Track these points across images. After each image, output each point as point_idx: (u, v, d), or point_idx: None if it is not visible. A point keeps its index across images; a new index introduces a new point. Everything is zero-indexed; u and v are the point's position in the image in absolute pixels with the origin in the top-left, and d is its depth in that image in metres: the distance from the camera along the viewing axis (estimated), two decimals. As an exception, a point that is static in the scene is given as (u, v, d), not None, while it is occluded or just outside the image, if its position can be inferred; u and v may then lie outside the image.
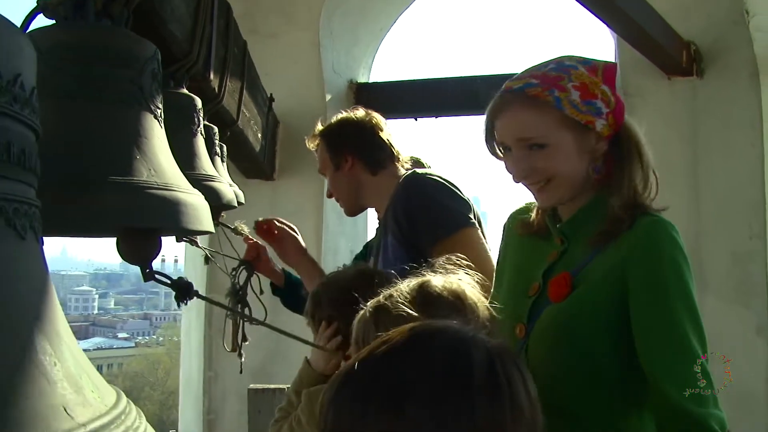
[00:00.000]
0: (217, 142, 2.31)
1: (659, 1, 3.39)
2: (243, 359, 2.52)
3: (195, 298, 1.44)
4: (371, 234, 4.86)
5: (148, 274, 1.36)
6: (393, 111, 3.92)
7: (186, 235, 1.50)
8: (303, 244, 2.58)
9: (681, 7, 3.53)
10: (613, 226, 1.37)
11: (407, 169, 2.27)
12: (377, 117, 2.34)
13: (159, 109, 1.37)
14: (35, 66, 0.76)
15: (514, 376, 0.85)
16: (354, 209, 2.43)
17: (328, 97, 4.28)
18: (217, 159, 2.29)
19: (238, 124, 2.72)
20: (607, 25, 3.41)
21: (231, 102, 2.52)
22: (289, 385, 2.75)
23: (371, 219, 4.87)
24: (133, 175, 1.21)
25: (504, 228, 1.68)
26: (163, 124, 1.39)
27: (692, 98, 3.56)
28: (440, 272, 1.39)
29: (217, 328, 4.18)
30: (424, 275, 1.37)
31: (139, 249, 1.33)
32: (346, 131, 2.30)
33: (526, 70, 1.45)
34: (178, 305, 1.47)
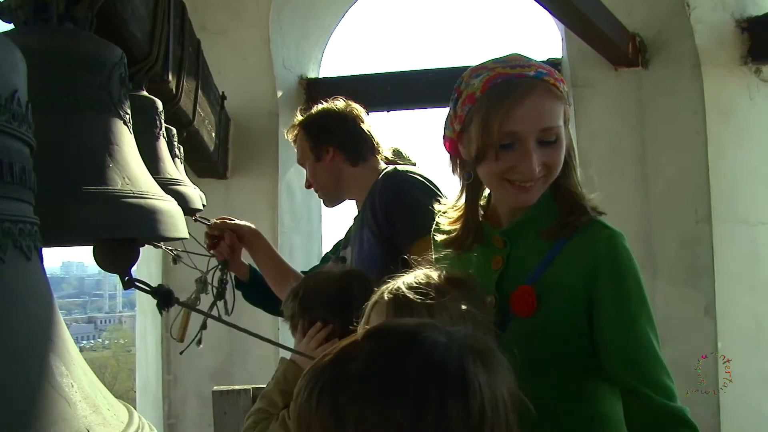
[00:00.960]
0: (176, 144, 2.27)
1: (605, -7, 3.49)
2: (201, 346, 2.52)
3: (176, 305, 1.41)
4: (326, 232, 4.88)
5: (128, 282, 1.33)
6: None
7: (163, 241, 1.47)
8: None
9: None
10: (565, 223, 1.37)
11: (387, 163, 2.27)
12: (358, 108, 2.33)
13: (128, 114, 1.34)
14: (26, 80, 0.74)
15: (449, 385, 0.84)
16: (333, 200, 2.42)
17: (280, 93, 4.24)
18: (177, 161, 2.25)
19: (194, 125, 2.68)
20: (555, 17, 3.48)
21: (187, 102, 2.48)
22: (255, 386, 2.75)
23: (325, 218, 4.88)
24: (108, 185, 1.18)
25: (435, 248, 1.61)
26: (131, 130, 1.36)
27: (638, 88, 3.67)
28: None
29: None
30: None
31: (117, 258, 1.30)
32: (327, 122, 2.28)
33: (513, 59, 1.37)
34: (160, 313, 1.44)
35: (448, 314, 1.22)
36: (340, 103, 2.31)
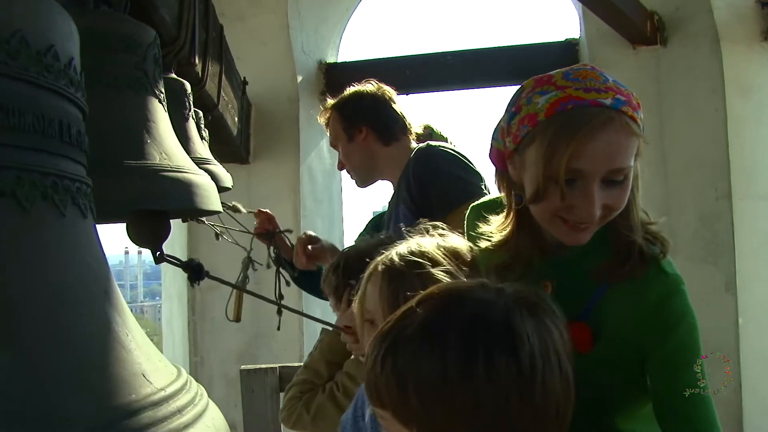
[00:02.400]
0: (202, 126, 2.33)
1: (622, -28, 3.49)
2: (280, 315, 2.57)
3: (207, 278, 1.48)
4: (347, 215, 4.93)
5: (159, 257, 1.39)
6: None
7: (199, 215, 1.53)
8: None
9: (643, -23, 3.62)
10: (625, 262, 1.24)
11: (420, 140, 2.31)
12: (389, 90, 2.39)
13: (162, 93, 1.40)
14: (80, 50, 0.79)
15: (496, 339, 0.89)
16: (366, 180, 2.47)
17: (299, 78, 4.29)
18: (204, 143, 2.31)
19: (218, 108, 2.73)
20: (575, -3, 3.49)
21: (212, 86, 2.53)
22: (282, 364, 2.81)
23: (347, 201, 4.93)
24: (147, 159, 1.24)
25: (470, 225, 1.49)
26: (166, 108, 1.41)
27: (657, 66, 3.67)
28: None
29: (200, 314, 4.21)
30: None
31: (150, 232, 1.36)
32: (360, 103, 2.33)
33: (587, 77, 1.20)
34: (192, 285, 1.50)
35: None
36: (371, 86, 2.37)
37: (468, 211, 1.54)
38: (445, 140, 2.42)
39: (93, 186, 1.22)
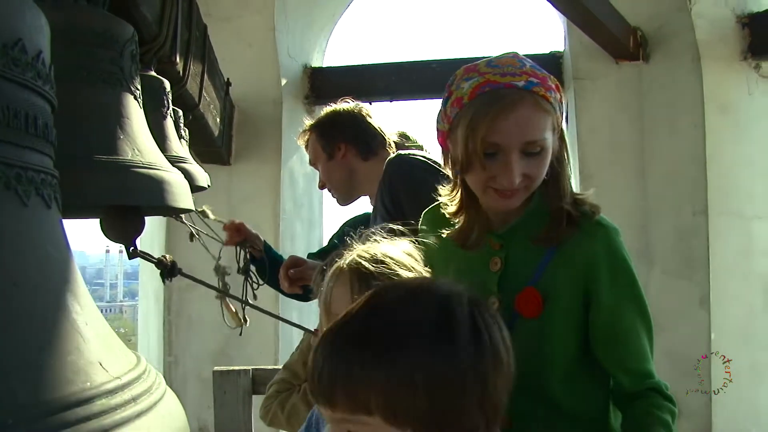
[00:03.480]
0: (182, 126, 2.32)
1: (607, -13, 3.53)
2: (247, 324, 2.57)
3: (180, 276, 1.47)
4: (327, 219, 4.93)
5: (133, 252, 1.39)
6: (348, 95, 3.96)
7: (171, 212, 1.52)
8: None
9: (628, -7, 3.67)
10: (561, 226, 1.39)
11: (397, 149, 2.33)
12: (366, 106, 2.42)
13: (138, 90, 1.39)
14: (50, 44, 0.79)
15: (494, 329, 0.92)
16: (347, 197, 2.49)
17: (284, 81, 4.28)
18: (183, 142, 2.31)
19: (199, 108, 2.72)
20: (558, 10, 3.52)
21: (193, 85, 2.53)
22: (255, 366, 2.80)
23: (327, 204, 4.92)
24: (119, 154, 1.23)
25: (425, 226, 1.63)
26: (141, 105, 1.41)
27: (639, 81, 3.71)
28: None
29: (176, 313, 4.19)
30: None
31: (123, 228, 1.36)
32: (338, 120, 2.37)
33: (506, 64, 1.35)
34: (164, 282, 1.50)
35: None
36: (347, 104, 2.40)
37: (425, 221, 1.64)
38: (420, 147, 2.44)
39: (65, 179, 1.21)
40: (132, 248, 1.38)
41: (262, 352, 4.01)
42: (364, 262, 1.33)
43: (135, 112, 1.34)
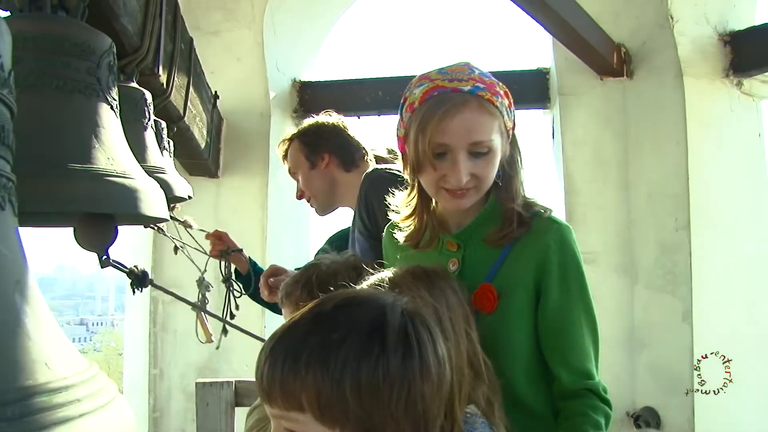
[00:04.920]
0: (165, 137, 2.34)
1: (591, 4, 3.57)
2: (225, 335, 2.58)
3: (150, 286, 1.48)
4: (314, 232, 4.94)
5: (105, 261, 1.40)
6: (336, 109, 3.97)
7: (144, 221, 1.53)
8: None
9: (611, 11, 3.71)
10: (511, 227, 1.47)
11: (379, 162, 2.36)
12: (346, 120, 2.48)
13: (115, 100, 1.41)
14: (11, 49, 0.80)
15: (425, 340, 0.95)
16: (326, 207, 2.51)
17: (272, 95, 4.30)
18: (166, 153, 2.32)
19: (185, 120, 2.74)
20: (544, 27, 3.56)
21: (178, 98, 2.54)
22: (238, 378, 2.80)
23: (314, 218, 4.93)
24: (93, 163, 1.25)
25: (385, 243, 1.72)
26: (118, 115, 1.42)
27: (623, 97, 3.75)
28: None
29: (162, 326, 4.18)
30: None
31: (96, 236, 1.37)
32: (323, 130, 2.40)
33: (455, 71, 1.44)
34: (133, 292, 1.51)
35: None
36: (330, 116, 2.44)
37: (385, 236, 1.72)
38: None
39: (40, 187, 1.23)
40: (104, 257, 1.39)
41: (248, 365, 3.99)
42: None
43: (111, 121, 1.36)
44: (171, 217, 2.52)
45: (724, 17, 3.65)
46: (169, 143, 2.56)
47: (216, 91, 3.74)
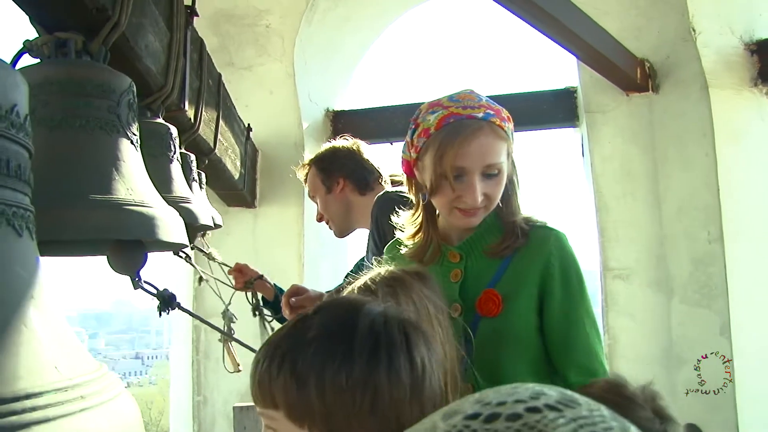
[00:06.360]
0: (194, 169, 2.46)
1: (613, 21, 3.61)
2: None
3: (177, 309, 1.57)
4: (351, 257, 5.01)
5: (136, 283, 1.50)
6: (369, 136, 4.06)
7: (165, 247, 1.63)
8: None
9: (633, 26, 3.73)
10: (513, 239, 1.57)
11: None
12: (362, 143, 2.55)
13: (135, 135, 1.52)
14: (28, 98, 0.91)
15: (396, 343, 0.98)
16: (344, 230, 2.60)
17: (305, 125, 4.43)
18: (195, 184, 2.43)
19: (216, 153, 2.86)
20: (566, 49, 3.60)
21: (207, 131, 2.67)
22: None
23: (351, 244, 5.01)
24: (113, 194, 1.35)
25: (389, 257, 1.76)
26: (139, 149, 1.53)
27: (649, 112, 3.75)
28: None
29: (204, 354, 4.30)
30: None
31: (127, 261, 1.48)
32: (337, 155, 2.51)
33: (465, 98, 1.54)
34: (160, 314, 1.60)
35: (412, 301, 1.34)
36: (345, 141, 2.54)
37: (389, 251, 1.79)
38: None
39: (66, 218, 1.33)
40: (136, 279, 1.49)
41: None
42: (369, 283, 1.40)
43: (131, 154, 1.46)
44: (194, 247, 2.64)
45: (750, 27, 3.64)
46: (200, 175, 2.68)
47: (249, 124, 3.87)
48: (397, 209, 2.24)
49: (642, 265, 3.69)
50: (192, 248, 2.68)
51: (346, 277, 3.01)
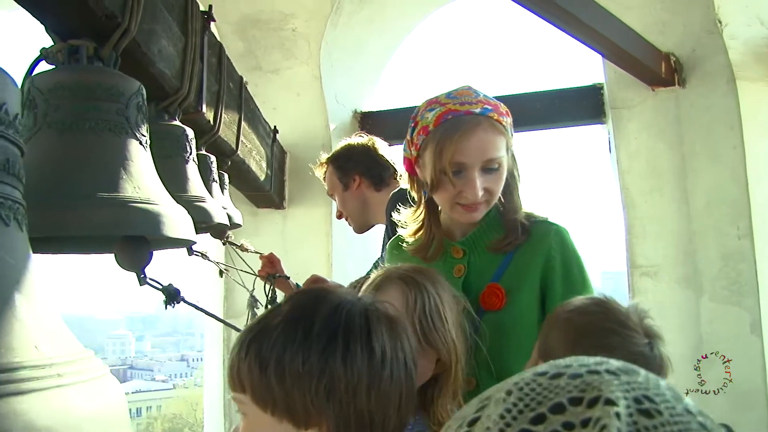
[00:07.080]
0: (215, 170, 2.52)
1: (637, 16, 3.57)
2: None
3: (182, 303, 1.63)
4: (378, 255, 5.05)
5: (142, 280, 1.56)
6: (397, 137, 4.07)
7: (171, 243, 1.69)
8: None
9: (658, 21, 3.69)
10: (515, 235, 1.60)
11: None
12: (377, 140, 2.59)
13: (144, 136, 1.57)
14: (18, 98, 0.96)
15: (357, 339, 0.99)
16: (362, 226, 2.64)
17: (333, 126, 4.48)
18: (215, 185, 2.50)
19: (239, 154, 2.92)
20: (590, 47, 3.58)
21: (228, 133, 2.73)
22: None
23: (379, 241, 5.05)
24: (120, 192, 1.41)
25: (391, 253, 1.82)
26: (148, 149, 1.59)
27: (676, 107, 3.70)
28: None
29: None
30: None
31: (133, 258, 1.53)
32: (352, 153, 2.55)
33: (462, 95, 1.56)
34: (165, 307, 1.66)
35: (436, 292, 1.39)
36: (361, 138, 2.58)
37: (391, 247, 1.82)
38: None
39: (74, 215, 1.39)
40: (142, 276, 1.55)
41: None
42: (409, 273, 1.43)
43: (139, 155, 1.52)
44: (225, 242, 2.70)
45: (780, 17, 3.56)
46: (222, 176, 2.74)
47: (275, 126, 3.94)
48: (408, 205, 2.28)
49: (670, 262, 3.64)
50: (224, 243, 2.75)
51: (372, 268, 3.06)
